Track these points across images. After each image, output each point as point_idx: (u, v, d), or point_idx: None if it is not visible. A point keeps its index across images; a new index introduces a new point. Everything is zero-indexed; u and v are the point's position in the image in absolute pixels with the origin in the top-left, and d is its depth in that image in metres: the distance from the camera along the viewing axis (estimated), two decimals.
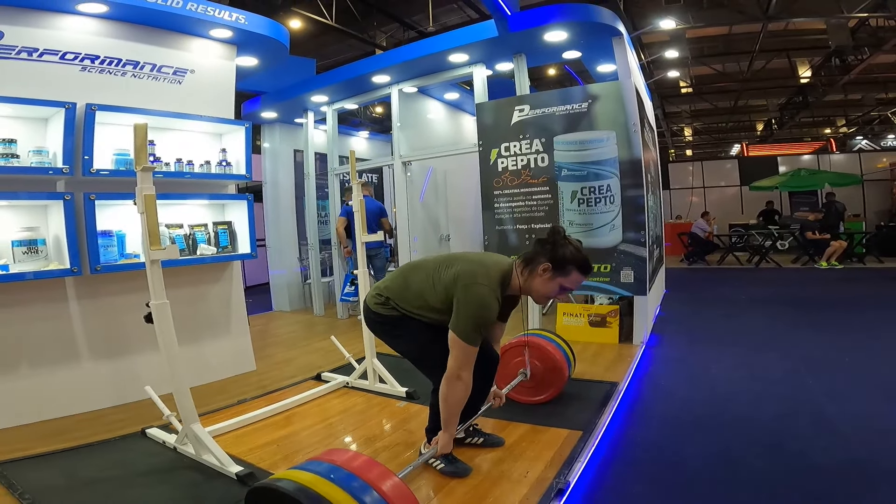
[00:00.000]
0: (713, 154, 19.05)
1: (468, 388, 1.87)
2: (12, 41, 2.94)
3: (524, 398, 2.87)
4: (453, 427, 1.93)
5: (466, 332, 1.80)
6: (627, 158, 4.03)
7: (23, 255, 2.84)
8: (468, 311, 1.81)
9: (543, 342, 2.88)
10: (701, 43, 10.05)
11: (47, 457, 2.36)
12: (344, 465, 1.48)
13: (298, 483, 1.41)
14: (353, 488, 1.39)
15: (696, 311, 5.87)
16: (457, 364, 1.83)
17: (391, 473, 1.50)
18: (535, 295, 1.91)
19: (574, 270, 1.85)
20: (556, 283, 1.85)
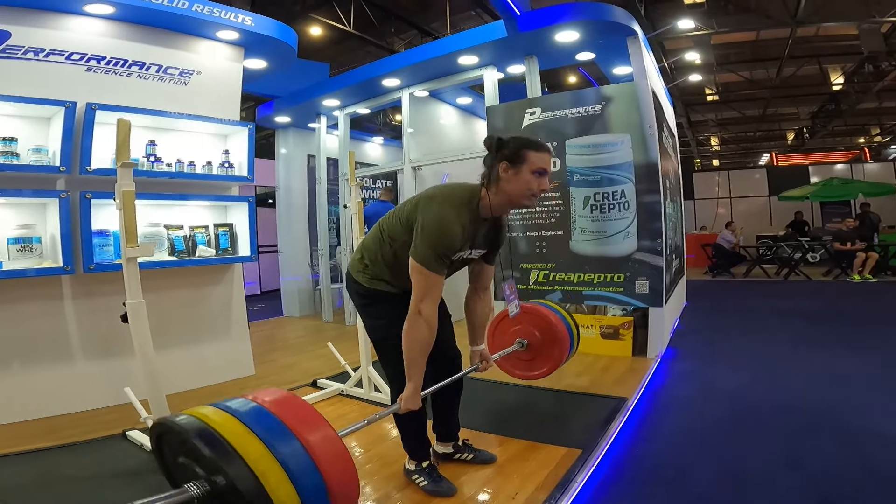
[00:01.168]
0: (741, 164, 18.52)
1: (432, 328, 1.68)
2: (19, 41, 2.97)
3: (519, 372, 2.66)
4: (417, 377, 1.71)
5: (425, 255, 1.65)
6: (643, 162, 3.85)
7: (17, 252, 2.83)
8: (426, 231, 1.67)
9: (546, 311, 2.59)
10: (727, 49, 9.77)
11: (26, 455, 2.33)
12: (269, 405, 1.22)
13: (200, 421, 1.16)
14: (269, 434, 1.14)
15: (717, 324, 5.59)
16: (417, 295, 1.67)
17: (325, 424, 1.23)
18: (516, 198, 1.74)
19: (528, 151, 1.71)
20: (523, 174, 1.71)
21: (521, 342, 2.54)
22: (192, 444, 1.12)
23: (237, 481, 1.07)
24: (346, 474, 1.21)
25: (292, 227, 6.85)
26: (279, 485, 1.09)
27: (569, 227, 4.10)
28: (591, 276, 4.01)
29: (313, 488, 1.13)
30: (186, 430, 1.14)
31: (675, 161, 5.92)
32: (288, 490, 1.09)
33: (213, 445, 1.10)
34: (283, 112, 6.20)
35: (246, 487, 1.07)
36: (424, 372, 1.74)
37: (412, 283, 1.70)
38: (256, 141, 10.79)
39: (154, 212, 3.44)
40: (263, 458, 1.10)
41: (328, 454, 1.17)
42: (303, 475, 1.12)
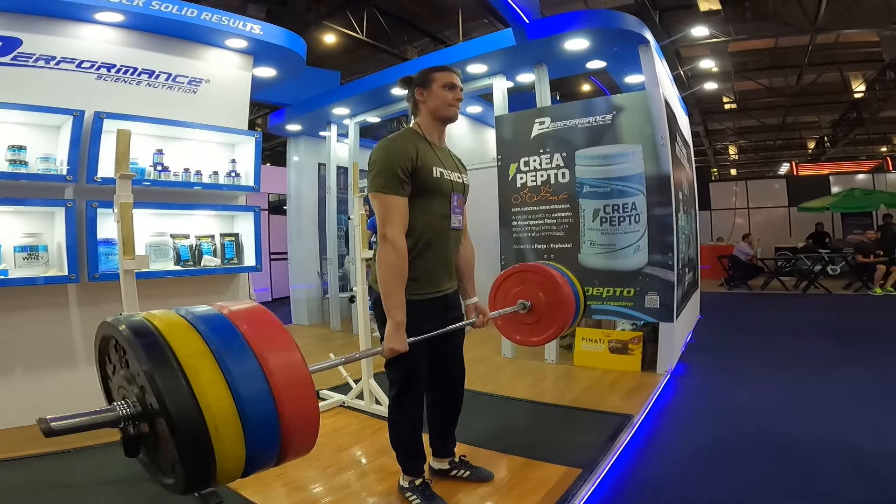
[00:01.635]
0: (760, 173, 18.17)
1: (398, 249, 1.69)
2: (31, 49, 3.00)
3: (522, 338, 2.45)
4: (396, 310, 1.67)
5: (377, 181, 1.72)
6: (655, 174, 3.76)
7: (23, 260, 2.86)
8: (374, 163, 1.75)
9: (552, 272, 2.40)
10: (745, 56, 9.59)
11: (23, 460, 2.34)
12: (232, 316, 1.05)
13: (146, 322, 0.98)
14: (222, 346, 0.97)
15: (731, 338, 5.43)
16: (379, 221, 1.72)
17: (294, 348, 1.05)
18: (438, 112, 1.87)
19: (433, 73, 1.87)
20: (435, 91, 1.86)
21: (524, 304, 2.34)
22: (127, 345, 0.95)
23: (167, 395, 0.90)
24: (306, 410, 1.04)
25: (302, 236, 6.86)
26: (219, 406, 0.92)
27: (578, 240, 4.02)
28: (599, 290, 3.93)
29: (261, 418, 0.96)
30: (122, 326, 0.97)
31: (690, 171, 5.80)
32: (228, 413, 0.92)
33: (151, 347, 0.93)
34: (295, 120, 6.24)
35: (177, 403, 0.89)
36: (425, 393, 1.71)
37: (375, 211, 1.75)
38: (270, 148, 10.90)
39: (160, 221, 3.45)
40: (206, 372, 0.93)
41: (289, 382, 1.00)
42: (252, 400, 0.96)
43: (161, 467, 1.03)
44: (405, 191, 1.73)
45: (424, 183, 1.77)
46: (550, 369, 4.09)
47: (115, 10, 3.11)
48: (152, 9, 3.20)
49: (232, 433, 0.94)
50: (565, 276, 2.42)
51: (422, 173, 1.76)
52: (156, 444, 1.00)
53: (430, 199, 1.80)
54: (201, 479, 0.95)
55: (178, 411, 0.90)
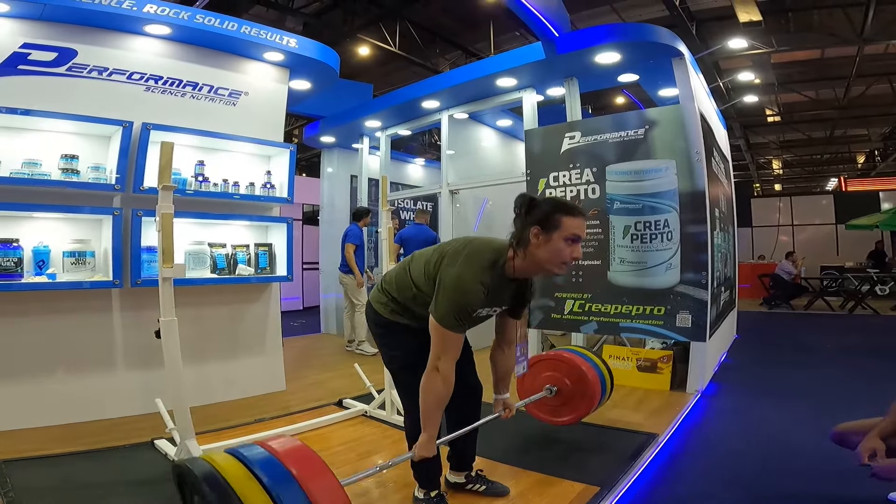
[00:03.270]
0: (806, 189, 17.44)
1: (448, 383, 1.69)
2: (85, 60, 3.17)
3: (545, 416, 2.66)
4: (432, 427, 1.72)
5: (444, 314, 1.66)
6: (689, 190, 3.68)
7: (71, 265, 3.02)
8: (446, 291, 1.68)
9: (577, 359, 2.59)
10: (789, 68, 9.28)
11: (54, 458, 2.43)
12: (278, 454, 1.31)
13: (212, 467, 1.26)
14: (273, 482, 1.22)
15: (767, 359, 5.23)
16: (435, 352, 1.69)
17: (329, 473, 1.30)
18: (547, 264, 1.69)
19: (562, 216, 1.66)
20: (556, 240, 1.66)
21: (550, 389, 2.53)
22: (203, 491, 1.21)
23: None
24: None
25: (334, 246, 6.97)
26: None
27: (607, 257, 3.96)
28: (629, 308, 3.85)
29: None
30: (197, 475, 1.24)
31: (728, 187, 5.64)
32: None
33: (220, 493, 1.19)
34: (329, 132, 6.40)
35: None
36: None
37: (431, 338, 1.71)
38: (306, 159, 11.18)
39: (199, 230, 3.59)
40: None
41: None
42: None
43: None
44: (465, 327, 1.71)
45: None
46: None
47: (163, 22, 3.26)
48: (196, 22, 3.36)
49: None
50: (591, 363, 2.62)
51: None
52: None
53: None
54: None
55: None
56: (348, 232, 5.27)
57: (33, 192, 2.90)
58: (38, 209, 2.94)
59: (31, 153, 2.95)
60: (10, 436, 2.72)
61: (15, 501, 1.97)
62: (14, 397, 2.89)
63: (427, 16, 7.33)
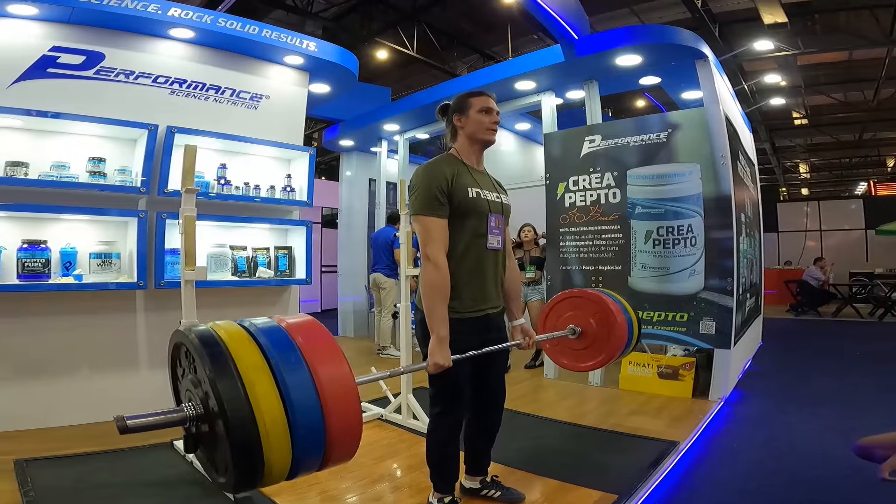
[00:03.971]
0: (834, 193, 16.96)
1: (440, 268, 1.74)
2: (112, 63, 3.23)
3: (567, 361, 2.42)
4: (440, 326, 1.71)
5: (417, 204, 1.79)
6: (714, 195, 3.61)
7: (97, 266, 3.08)
8: (414, 188, 1.83)
9: (605, 298, 2.36)
10: (816, 70, 9.04)
11: (75, 458, 2.47)
12: (289, 329, 1.15)
13: (215, 335, 1.10)
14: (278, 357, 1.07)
15: (794, 366, 5.08)
16: (421, 242, 1.78)
17: (343, 362, 1.14)
18: (476, 135, 1.91)
19: (469, 98, 1.92)
20: (473, 115, 1.90)
21: (574, 329, 2.31)
22: (195, 353, 1.07)
23: (226, 401, 0.99)
24: (351, 421, 1.11)
25: (352, 250, 7.04)
26: (271, 411, 1.00)
27: (628, 262, 3.89)
28: (650, 314, 3.78)
29: (309, 427, 1.04)
30: (192, 335, 1.10)
31: (754, 192, 5.51)
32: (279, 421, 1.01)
33: (215, 356, 1.04)
34: (347, 136, 6.45)
35: (233, 406, 0.99)
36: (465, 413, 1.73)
37: (418, 236, 1.81)
38: (325, 163, 11.24)
39: (221, 233, 3.64)
40: (262, 382, 1.03)
41: (336, 393, 1.08)
42: (302, 410, 1.04)
43: (216, 466, 1.14)
44: (444, 212, 1.78)
45: (460, 203, 1.80)
46: (594, 392, 3.96)
47: (186, 26, 3.32)
48: (219, 25, 3.41)
49: (281, 440, 1.02)
50: (620, 305, 2.39)
51: (458, 194, 1.80)
52: (213, 444, 1.11)
53: (468, 219, 1.83)
54: (250, 480, 1.05)
55: (234, 416, 1.00)
56: (389, 235, 5.26)
57: (61, 195, 2.97)
58: (66, 211, 3.01)
59: (60, 156, 3.03)
60: (35, 435, 2.78)
61: (35, 501, 1.99)
62: (41, 396, 2.96)
63: (444, 19, 7.34)
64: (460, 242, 1.83)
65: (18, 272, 2.82)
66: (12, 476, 2.22)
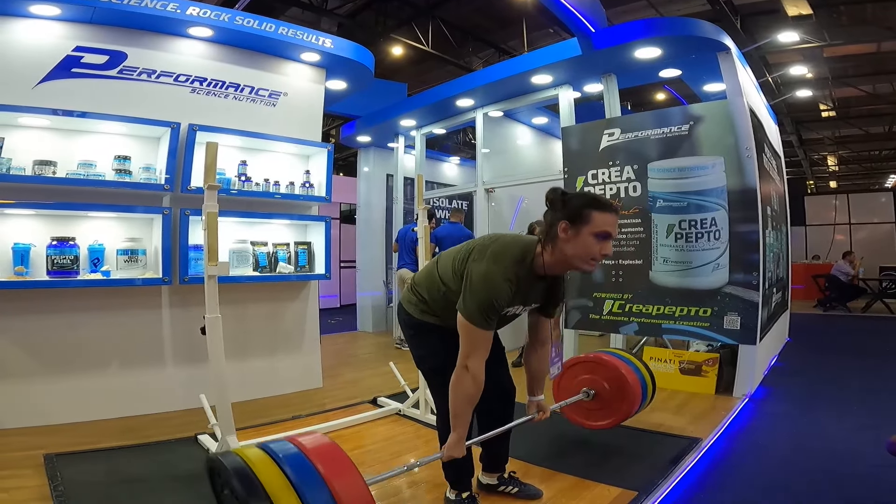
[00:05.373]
0: (864, 186, 16.46)
1: (477, 382, 1.66)
2: (135, 63, 3.29)
3: (581, 420, 2.59)
4: (461, 427, 1.70)
5: (472, 311, 1.64)
6: (738, 188, 3.53)
7: (124, 263, 3.15)
8: (473, 287, 1.65)
9: (617, 362, 2.50)
10: (844, 62, 8.77)
11: (103, 452, 2.52)
12: (306, 451, 1.33)
13: (242, 461, 1.29)
14: (300, 479, 1.25)
15: (822, 362, 4.96)
16: (464, 350, 1.66)
17: (356, 473, 1.32)
18: (576, 260, 1.65)
19: (592, 211, 1.61)
20: (585, 235, 1.61)
21: (588, 392, 2.46)
22: (233, 485, 1.24)
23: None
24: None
25: (370, 245, 7.07)
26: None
27: (649, 256, 3.83)
28: (672, 309, 3.72)
29: None
30: (228, 469, 1.27)
31: (780, 184, 5.38)
32: None
33: (249, 488, 1.22)
34: (365, 132, 6.47)
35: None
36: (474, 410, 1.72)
37: (460, 336, 1.69)
38: (343, 159, 11.31)
39: (242, 229, 3.68)
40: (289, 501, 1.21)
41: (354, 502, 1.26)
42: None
43: None
44: (493, 324, 1.67)
45: None
46: None
47: (205, 24, 3.36)
48: (236, 23, 3.44)
49: None
50: (632, 366, 2.53)
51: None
52: None
53: None
54: None
55: None
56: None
57: (88, 192, 3.04)
58: (94, 209, 3.07)
59: (87, 154, 3.10)
60: (65, 430, 2.84)
61: (64, 495, 2.03)
62: (70, 391, 3.03)
63: (459, 14, 7.31)
64: None
65: (48, 269, 2.89)
66: (42, 471, 2.27)
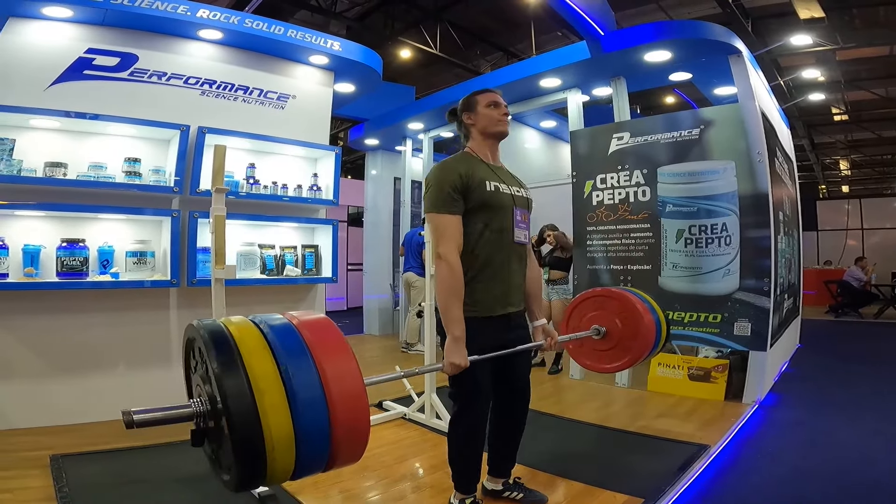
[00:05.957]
0: (877, 191, 16.23)
1: (454, 269, 1.71)
2: (145, 65, 3.31)
3: (591, 362, 2.36)
4: (455, 325, 1.68)
5: (430, 202, 1.79)
6: (750, 193, 3.49)
7: (133, 265, 3.17)
8: (428, 186, 1.82)
9: (632, 298, 2.28)
10: (857, 65, 8.66)
11: (109, 453, 2.52)
12: (300, 326, 1.13)
13: (222, 326, 1.10)
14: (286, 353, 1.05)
15: (834, 368, 4.90)
16: (434, 240, 1.77)
17: (351, 358, 1.11)
18: (488, 129, 1.91)
19: (475, 96, 1.92)
20: (481, 112, 1.91)
21: (598, 329, 2.24)
22: (206, 350, 1.05)
23: (230, 397, 0.98)
24: (357, 419, 1.08)
25: (377, 248, 7.07)
26: (275, 410, 0.98)
27: (658, 262, 3.79)
28: (681, 315, 3.67)
29: (314, 427, 1.02)
30: (203, 331, 1.08)
31: (792, 189, 5.31)
32: (284, 418, 0.99)
33: (222, 352, 1.03)
34: (372, 135, 6.49)
35: (237, 405, 0.97)
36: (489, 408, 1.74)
37: (431, 233, 1.80)
38: (351, 161, 11.34)
39: (250, 231, 3.70)
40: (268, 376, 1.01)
41: (343, 393, 1.05)
42: (307, 406, 1.02)
43: (220, 463, 1.14)
44: (457, 209, 1.77)
45: (480, 198, 1.79)
46: (621, 393, 3.88)
47: (215, 27, 3.37)
48: (245, 26, 3.46)
49: (285, 441, 1.00)
50: (647, 304, 2.30)
51: (476, 190, 1.78)
52: (219, 442, 1.10)
53: (489, 214, 1.81)
54: (252, 480, 1.04)
55: (238, 414, 0.98)
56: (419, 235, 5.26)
57: (99, 194, 3.06)
58: (104, 211, 3.10)
59: (97, 156, 3.12)
60: (72, 430, 2.85)
61: (69, 496, 2.03)
62: (78, 392, 3.04)
63: (467, 17, 7.30)
64: (482, 238, 1.80)
65: (58, 270, 2.91)
66: (48, 472, 2.27)
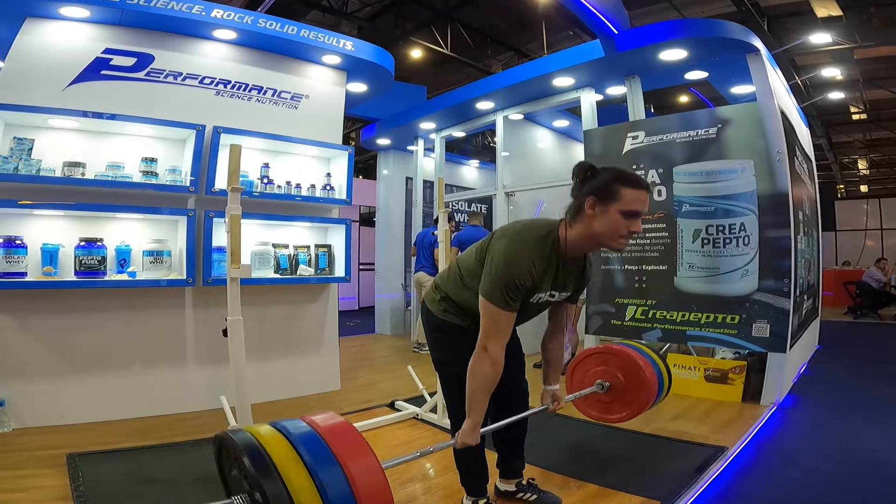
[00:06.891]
0: (895, 191, 15.93)
1: (496, 366, 1.61)
2: (161, 65, 3.34)
3: (595, 413, 2.49)
4: (477, 413, 1.64)
5: (492, 290, 1.58)
6: (769, 192, 3.43)
7: (150, 264, 3.19)
8: (494, 264, 1.60)
9: (633, 353, 2.40)
10: (875, 64, 8.50)
11: (124, 452, 2.53)
12: (320, 430, 1.27)
13: (253, 438, 1.23)
14: (314, 460, 1.18)
15: (853, 370, 4.81)
16: (484, 332, 1.61)
17: (371, 455, 1.26)
18: (604, 238, 1.59)
19: (622, 187, 1.54)
20: (613, 212, 1.54)
21: (602, 384, 2.36)
22: (242, 460, 1.18)
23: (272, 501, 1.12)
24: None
25: (389, 248, 7.08)
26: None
27: (674, 262, 3.75)
28: (697, 316, 3.62)
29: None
30: (239, 445, 1.21)
31: (812, 189, 5.22)
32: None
33: (258, 464, 1.16)
34: (384, 134, 6.50)
35: None
36: (488, 406, 1.68)
37: (480, 318, 1.64)
38: (363, 161, 11.37)
39: (264, 231, 3.71)
40: (302, 482, 1.14)
41: (369, 486, 1.19)
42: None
43: None
44: (516, 307, 1.62)
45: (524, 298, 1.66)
46: None
47: (229, 27, 3.40)
48: (259, 26, 3.48)
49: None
50: (648, 358, 2.42)
51: (528, 292, 1.64)
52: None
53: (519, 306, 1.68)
54: None
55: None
56: (431, 235, 5.24)
57: (116, 194, 3.08)
58: (121, 210, 3.12)
59: (115, 156, 3.15)
60: (88, 429, 2.87)
61: (84, 495, 2.04)
62: (94, 391, 3.06)
63: (478, 17, 7.29)
64: None
65: (76, 269, 2.94)
66: (64, 470, 2.28)
